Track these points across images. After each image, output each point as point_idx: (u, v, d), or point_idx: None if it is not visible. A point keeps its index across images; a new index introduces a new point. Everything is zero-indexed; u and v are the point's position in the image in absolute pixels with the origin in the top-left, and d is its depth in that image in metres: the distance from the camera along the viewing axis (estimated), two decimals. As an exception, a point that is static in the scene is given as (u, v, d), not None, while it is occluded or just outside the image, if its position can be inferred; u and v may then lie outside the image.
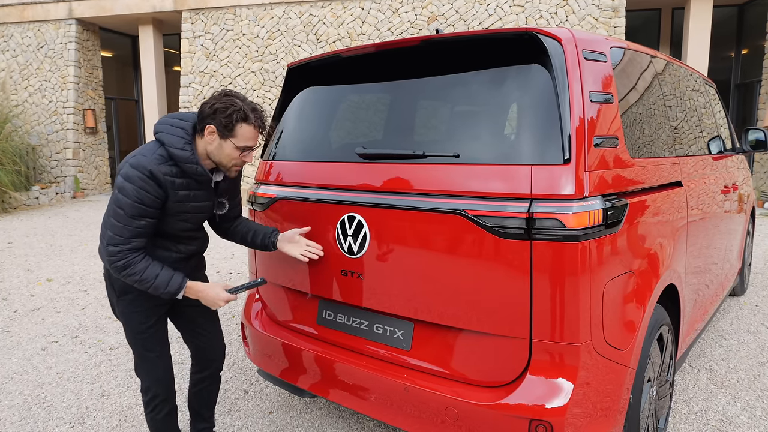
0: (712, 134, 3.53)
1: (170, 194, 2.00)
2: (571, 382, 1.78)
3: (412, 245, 2.02)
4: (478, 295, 1.88)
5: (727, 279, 3.82)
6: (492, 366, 1.89)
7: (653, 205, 2.23)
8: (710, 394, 3.03)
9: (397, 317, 2.14)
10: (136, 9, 12.60)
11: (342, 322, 2.32)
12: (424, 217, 1.98)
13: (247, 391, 3.17)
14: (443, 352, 2.01)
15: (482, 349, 1.91)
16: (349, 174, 2.24)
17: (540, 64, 1.90)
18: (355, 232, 2.17)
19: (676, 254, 2.45)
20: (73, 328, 4.26)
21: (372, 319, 2.23)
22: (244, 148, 2.05)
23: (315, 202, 2.33)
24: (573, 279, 1.75)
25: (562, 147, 1.78)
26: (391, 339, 2.15)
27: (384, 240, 2.10)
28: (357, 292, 2.22)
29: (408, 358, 2.09)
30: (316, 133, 2.50)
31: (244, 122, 2.00)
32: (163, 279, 2.01)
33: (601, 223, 1.81)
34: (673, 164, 2.56)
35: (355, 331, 2.27)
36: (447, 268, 1.94)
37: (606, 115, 1.99)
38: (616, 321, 1.91)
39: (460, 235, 1.89)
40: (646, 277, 2.11)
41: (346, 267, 2.23)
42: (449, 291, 1.94)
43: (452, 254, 1.92)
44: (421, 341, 2.08)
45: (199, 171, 2.02)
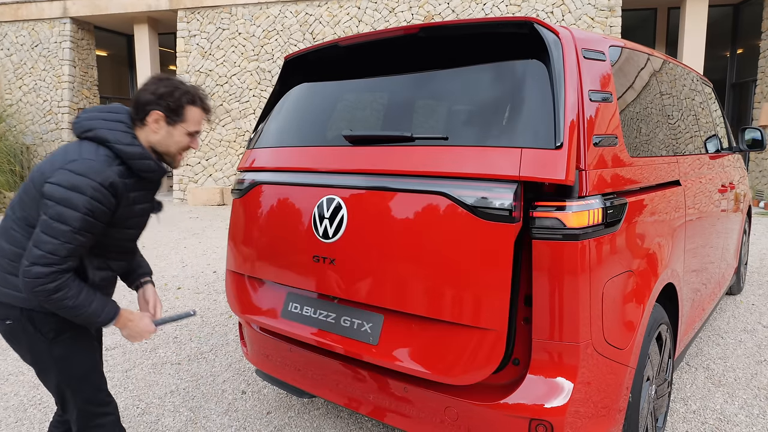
0: (710, 133, 3.54)
1: (122, 201, 1.75)
2: (571, 381, 1.78)
3: (390, 228, 1.95)
4: (456, 282, 1.80)
5: (724, 278, 3.83)
6: (465, 361, 1.80)
7: (652, 205, 2.23)
8: (708, 393, 3.04)
9: (367, 309, 2.05)
10: (131, 8, 12.56)
11: (308, 315, 2.21)
12: (406, 198, 1.92)
13: (244, 391, 3.16)
14: (412, 346, 1.92)
15: (455, 343, 1.82)
16: (333, 157, 2.18)
17: (537, 52, 1.88)
18: (333, 215, 2.09)
19: (674, 253, 2.45)
20: (69, 328, 4.23)
21: (340, 312, 2.13)
22: (194, 133, 1.87)
23: (294, 185, 2.26)
24: (573, 278, 1.74)
25: (555, 133, 1.74)
26: (358, 333, 2.05)
27: (362, 223, 2.01)
28: (328, 280, 2.11)
29: (374, 354, 1.98)
30: (305, 122, 2.46)
31: (193, 105, 1.83)
32: (99, 304, 1.73)
33: (600, 222, 1.81)
34: (672, 163, 2.56)
35: (321, 325, 2.16)
36: (426, 252, 1.86)
37: (605, 114, 1.98)
38: (616, 320, 1.91)
39: (443, 216, 1.83)
40: (645, 277, 2.11)
41: (319, 252, 2.12)
42: (426, 276, 1.86)
43: (433, 238, 1.85)
44: (389, 335, 1.97)
45: (152, 167, 1.80)
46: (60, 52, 12.78)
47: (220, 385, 3.23)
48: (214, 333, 4.08)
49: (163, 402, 3.04)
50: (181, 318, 2.04)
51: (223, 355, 3.65)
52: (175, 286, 5.38)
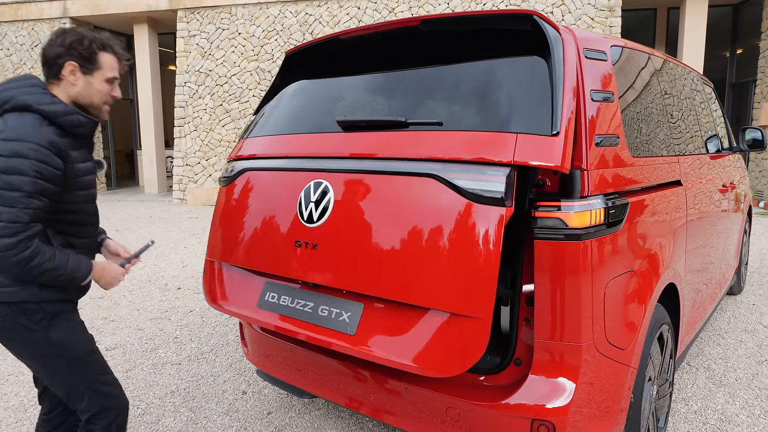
0: (710, 133, 3.54)
1: (68, 160, 1.73)
2: (573, 381, 1.77)
3: (377, 212, 1.89)
4: (441, 267, 1.73)
5: (725, 278, 3.83)
6: (446, 351, 1.71)
7: (654, 205, 2.23)
8: (709, 393, 3.04)
9: (347, 298, 1.98)
10: (131, 8, 12.55)
11: (285, 305, 2.13)
12: (395, 181, 1.88)
13: (245, 391, 3.15)
14: (391, 336, 1.84)
15: (436, 332, 1.74)
16: (324, 144, 2.15)
17: (537, 44, 1.88)
18: (319, 198, 2.03)
19: (675, 253, 2.45)
20: (69, 328, 4.22)
21: (318, 301, 2.05)
22: (113, 79, 1.84)
23: (282, 170, 2.22)
24: (575, 278, 1.74)
25: (552, 121, 1.71)
26: (335, 322, 1.97)
27: (348, 206, 1.96)
28: (308, 266, 2.03)
29: (351, 345, 1.90)
30: (301, 112, 2.42)
31: (104, 51, 1.80)
32: (75, 260, 1.74)
33: (602, 222, 1.81)
34: (673, 163, 2.56)
35: (298, 315, 2.08)
36: (413, 236, 1.80)
37: (606, 114, 1.98)
38: (618, 320, 1.91)
39: (433, 200, 1.78)
40: (647, 277, 2.11)
41: (302, 237, 2.05)
42: (411, 262, 1.79)
43: (421, 221, 1.79)
44: (367, 325, 1.90)
45: (82, 121, 1.76)
46: (60, 52, 12.76)
47: (221, 385, 3.23)
48: (214, 333, 4.07)
49: (164, 402, 3.03)
50: (142, 250, 2.06)
51: (223, 356, 3.65)
52: (176, 287, 5.38)
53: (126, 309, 4.69)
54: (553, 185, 1.85)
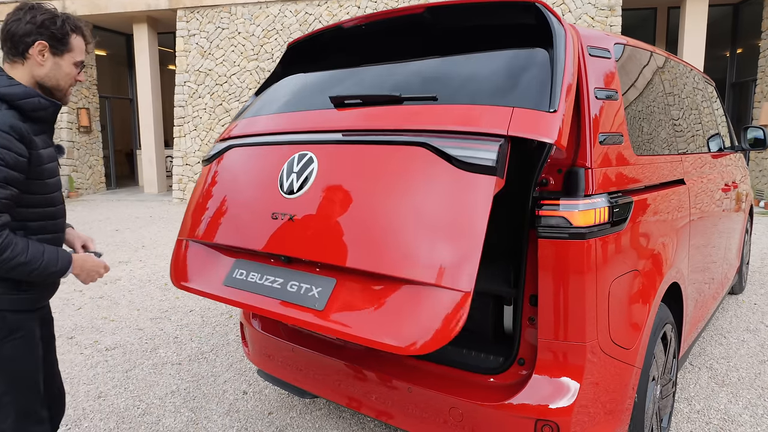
0: (713, 132, 3.53)
1: (32, 146, 1.64)
2: (577, 381, 1.76)
3: (361, 181, 1.82)
4: (425, 237, 1.63)
5: (727, 277, 3.82)
6: (423, 326, 1.57)
7: (657, 203, 2.22)
8: (712, 393, 3.03)
9: (319, 273, 1.86)
10: (131, 7, 12.53)
11: (252, 281, 2.00)
12: (384, 150, 1.82)
13: (245, 391, 3.14)
14: (362, 311, 1.71)
15: (414, 306, 1.61)
16: (314, 119, 2.10)
17: (540, 29, 1.86)
18: (302, 170, 1.95)
19: (679, 253, 2.44)
20: (69, 328, 4.21)
21: (288, 277, 1.92)
22: (80, 63, 1.76)
23: (266, 144, 2.15)
24: (579, 278, 1.73)
25: (551, 98, 1.67)
26: (304, 298, 1.83)
27: (331, 176, 1.88)
28: (283, 238, 1.92)
29: (318, 320, 1.76)
30: (296, 96, 2.37)
31: (76, 32, 1.72)
32: (51, 253, 1.65)
33: (607, 221, 1.79)
34: (676, 162, 2.55)
35: (265, 291, 1.94)
36: (397, 204, 1.71)
37: (610, 112, 1.97)
38: (622, 320, 1.89)
39: (421, 168, 1.71)
40: (651, 276, 2.09)
41: (279, 209, 1.95)
42: (393, 231, 1.69)
43: (407, 191, 1.71)
44: (338, 300, 1.77)
45: (43, 104, 1.66)
46: (59, 52, 12.74)
47: (221, 385, 3.22)
48: (214, 333, 4.06)
49: (164, 402, 3.02)
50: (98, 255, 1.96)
51: (224, 355, 3.63)
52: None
53: (126, 309, 4.68)
54: (557, 184, 1.83)
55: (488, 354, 2.01)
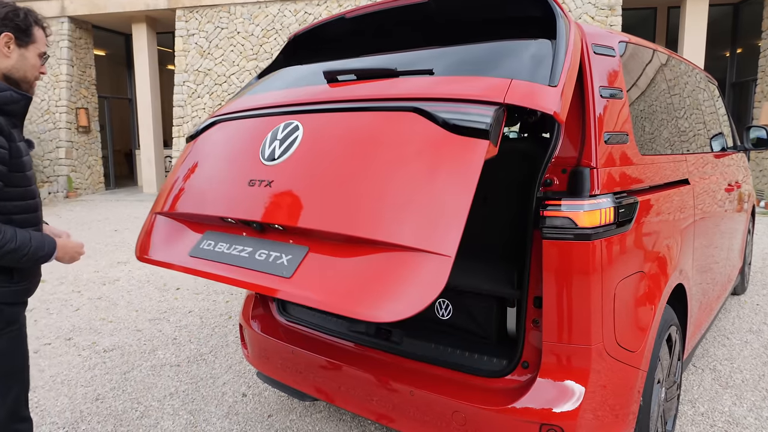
0: (716, 131, 3.50)
1: (11, 138, 1.69)
2: (583, 385, 1.73)
3: (346, 146, 1.74)
4: (411, 200, 1.53)
5: (730, 278, 3.79)
6: (401, 291, 1.45)
7: (663, 204, 2.19)
8: (715, 395, 3.00)
9: (291, 242, 1.74)
10: (130, 7, 12.49)
11: (220, 251, 1.89)
12: (371, 116, 1.76)
13: (245, 393, 3.11)
14: (333, 278, 1.59)
15: (392, 271, 1.49)
16: (305, 93, 2.04)
17: (541, 15, 1.84)
18: (286, 137, 1.87)
19: (684, 253, 2.41)
20: (67, 329, 4.18)
21: (258, 246, 1.81)
22: (43, 55, 1.82)
23: (252, 117, 2.08)
24: (584, 279, 1.70)
25: (551, 73, 1.63)
26: (271, 266, 1.72)
27: (316, 142, 1.80)
28: (258, 205, 1.80)
29: (284, 286, 1.64)
30: (294, 78, 2.32)
31: (37, 25, 1.79)
32: (38, 238, 1.71)
33: (612, 221, 1.76)
34: (681, 161, 2.52)
35: (232, 260, 1.82)
36: (381, 168, 1.63)
37: (615, 111, 1.94)
38: (628, 322, 1.86)
39: (410, 132, 1.64)
40: (657, 277, 2.06)
41: (257, 176, 1.85)
42: (377, 194, 1.59)
43: (393, 154, 1.63)
44: (308, 268, 1.65)
45: (14, 97, 1.69)
46: (58, 52, 12.71)
47: (220, 387, 3.18)
48: (213, 334, 4.03)
49: (163, 405, 2.99)
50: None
51: (223, 357, 3.60)
52: (174, 287, 5.33)
53: (124, 310, 4.65)
54: (562, 184, 1.81)
55: (491, 357, 1.98)
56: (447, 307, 2.25)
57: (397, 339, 2.19)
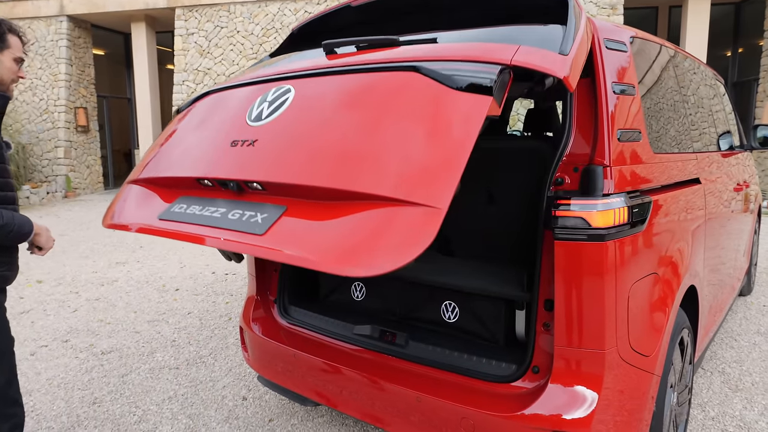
0: (724, 130, 3.45)
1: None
2: (596, 391, 1.67)
3: (339, 105, 1.65)
4: (405, 154, 1.44)
5: (737, 279, 3.74)
6: (388, 244, 1.33)
7: (675, 203, 2.13)
8: (725, 399, 2.94)
9: (270, 201, 1.62)
10: (129, 6, 12.43)
11: (191, 213, 1.76)
12: (368, 77, 1.68)
13: (245, 397, 3.04)
14: (309, 233, 1.48)
15: (377, 224, 1.38)
16: (302, 64, 1.97)
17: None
18: (276, 99, 1.79)
19: (695, 254, 2.35)
20: (64, 331, 4.11)
21: (232, 206, 1.69)
22: (20, 60, 1.96)
23: (245, 85, 2.00)
24: (598, 282, 1.64)
25: (562, 43, 1.57)
26: (244, 224, 1.60)
27: (307, 101, 1.72)
28: (237, 163, 1.70)
29: (256, 241, 1.52)
30: (291, 61, 2.24)
31: (11, 32, 1.94)
32: (18, 215, 1.89)
33: (626, 221, 1.70)
34: (692, 160, 2.46)
35: (203, 220, 1.70)
36: (374, 123, 1.54)
37: (628, 107, 1.88)
38: (642, 325, 1.80)
39: (407, 88, 1.57)
40: (670, 279, 2.01)
41: (241, 136, 1.75)
42: (365, 147, 1.51)
43: (388, 109, 1.55)
44: (285, 225, 1.53)
45: None
46: (57, 51, 12.64)
47: (220, 390, 3.12)
48: (213, 336, 3.96)
49: (161, 409, 2.92)
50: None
51: (222, 359, 3.54)
52: (173, 288, 5.26)
53: (123, 311, 4.58)
54: (573, 182, 1.74)
55: (500, 361, 1.92)
56: (453, 309, 2.19)
57: (402, 342, 2.13)
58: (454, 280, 2.12)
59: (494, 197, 2.45)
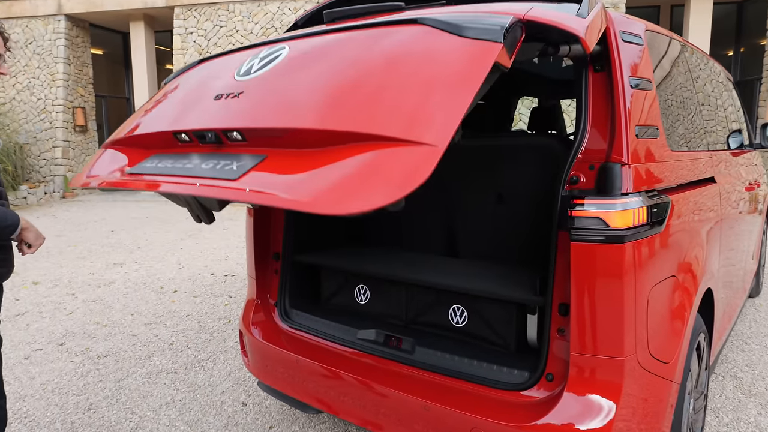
0: (735, 128, 3.36)
1: None
2: (614, 401, 1.59)
3: (336, 57, 1.57)
4: (400, 92, 1.36)
5: (747, 281, 3.66)
6: (378, 183, 1.20)
7: (692, 203, 2.05)
8: (739, 404, 2.86)
9: (249, 152, 1.49)
10: (127, 5, 12.34)
11: (162, 166, 1.65)
12: (368, 31, 1.62)
13: (245, 403, 2.96)
14: (289, 177, 1.37)
15: (359, 163, 1.27)
16: (302, 32, 1.89)
17: None
18: (268, 55, 1.71)
19: (711, 256, 2.27)
20: (59, 334, 4.03)
21: (206, 158, 1.56)
22: (1, 55, 1.95)
23: (241, 50, 1.91)
24: (617, 285, 1.55)
25: (579, 9, 1.52)
26: (217, 171, 1.48)
27: (302, 54, 1.65)
28: (219, 114, 1.60)
29: (228, 184, 1.40)
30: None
31: None
32: (3, 210, 1.83)
33: (645, 222, 1.62)
34: (707, 159, 2.38)
35: (174, 171, 1.59)
36: (367, 68, 1.47)
37: (645, 103, 1.80)
38: (661, 331, 1.72)
39: (410, 37, 1.50)
40: (689, 282, 1.92)
41: (226, 90, 1.66)
42: (356, 91, 1.43)
43: (389, 56, 1.47)
44: (261, 170, 1.43)
45: None
46: (54, 50, 12.55)
47: (219, 396, 3.04)
48: (212, 339, 3.88)
49: (158, 415, 2.84)
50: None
51: (221, 363, 3.45)
52: (171, 290, 5.18)
53: (119, 313, 4.49)
54: (589, 181, 1.66)
55: (511, 368, 1.83)
56: (462, 313, 2.11)
57: (408, 347, 2.05)
58: (462, 283, 2.04)
59: (502, 196, 2.37)
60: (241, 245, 7.19)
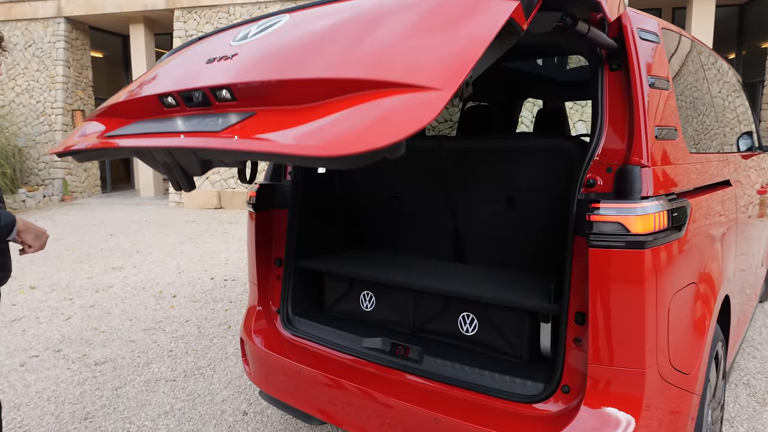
0: (746, 130, 3.30)
1: None
2: (634, 415, 1.51)
3: (338, 19, 1.52)
4: (400, 43, 1.31)
5: (758, 286, 3.58)
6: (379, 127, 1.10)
7: (710, 207, 1.98)
8: (754, 413, 2.78)
9: (237, 110, 1.42)
10: (127, 7, 12.29)
11: (142, 129, 1.59)
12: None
13: (246, 412, 2.88)
14: (276, 128, 1.29)
15: (364, 110, 1.19)
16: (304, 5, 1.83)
17: None
18: (267, 23, 1.67)
19: (728, 261, 2.20)
20: (56, 340, 3.95)
21: (192, 117, 1.50)
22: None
23: (244, 23, 1.85)
24: (638, 293, 1.48)
25: None
26: (202, 125, 1.42)
27: (303, 20, 1.61)
28: (209, 74, 1.54)
29: (212, 138, 1.34)
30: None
31: None
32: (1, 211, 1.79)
33: (666, 227, 1.55)
34: (722, 161, 2.32)
35: (155, 129, 1.53)
36: (373, 26, 1.41)
37: (663, 103, 1.73)
38: (682, 341, 1.65)
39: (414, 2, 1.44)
40: (708, 288, 1.85)
41: (219, 54, 1.60)
42: (360, 44, 1.37)
43: (393, 13, 1.42)
44: (248, 123, 1.35)
45: None
46: (54, 53, 12.50)
47: (219, 404, 2.96)
48: (212, 345, 3.80)
49: (157, 425, 2.76)
50: None
51: (222, 371, 3.37)
52: (171, 294, 5.10)
53: (118, 319, 4.41)
54: (607, 184, 1.59)
55: (524, 379, 1.75)
56: (472, 321, 2.03)
57: (416, 357, 1.97)
58: (472, 290, 1.96)
59: (513, 199, 2.29)
60: (242, 249, 7.11)
